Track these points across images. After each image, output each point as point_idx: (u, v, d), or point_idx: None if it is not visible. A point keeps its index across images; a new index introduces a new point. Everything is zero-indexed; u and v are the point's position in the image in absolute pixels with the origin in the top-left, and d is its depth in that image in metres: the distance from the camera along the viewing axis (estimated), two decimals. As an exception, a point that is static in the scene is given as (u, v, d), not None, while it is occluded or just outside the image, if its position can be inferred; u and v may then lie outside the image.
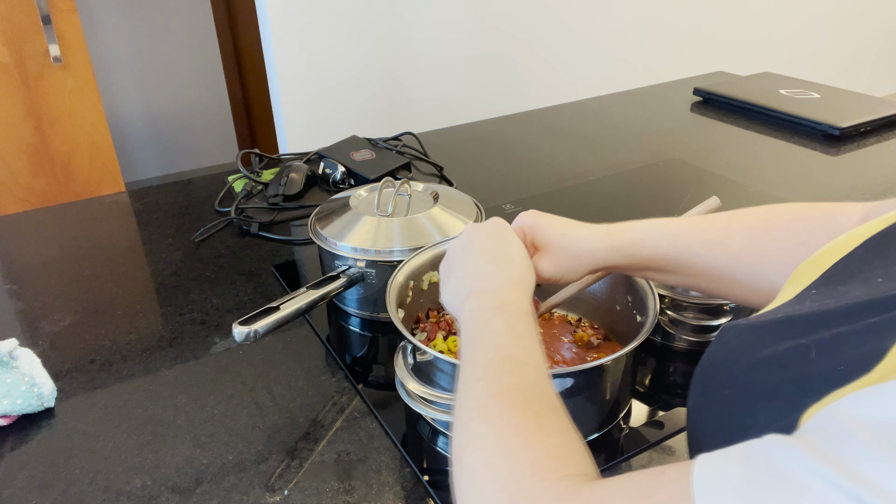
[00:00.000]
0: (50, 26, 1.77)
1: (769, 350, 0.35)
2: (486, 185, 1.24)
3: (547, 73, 2.60)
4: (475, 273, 0.56)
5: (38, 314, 0.88)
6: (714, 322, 0.77)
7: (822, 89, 1.64)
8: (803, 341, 0.33)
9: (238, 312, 0.88)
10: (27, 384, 0.69)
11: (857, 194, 1.16)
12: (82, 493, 0.61)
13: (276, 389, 0.74)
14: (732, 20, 3.02)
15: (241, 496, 0.61)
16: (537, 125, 1.57)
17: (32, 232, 1.11)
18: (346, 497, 0.60)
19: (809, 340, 0.33)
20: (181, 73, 3.12)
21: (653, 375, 0.77)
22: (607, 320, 0.78)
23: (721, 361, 0.39)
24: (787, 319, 0.37)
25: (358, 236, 0.82)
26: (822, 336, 0.33)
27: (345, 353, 0.81)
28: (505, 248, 0.58)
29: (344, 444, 0.66)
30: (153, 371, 0.77)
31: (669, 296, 0.76)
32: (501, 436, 0.38)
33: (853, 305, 0.33)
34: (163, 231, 1.09)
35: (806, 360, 0.32)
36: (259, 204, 1.15)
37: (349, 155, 1.25)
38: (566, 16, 2.55)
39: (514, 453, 0.37)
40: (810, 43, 3.40)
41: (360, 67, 2.19)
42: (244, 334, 0.67)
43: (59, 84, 1.85)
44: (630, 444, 0.66)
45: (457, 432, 0.41)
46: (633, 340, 0.61)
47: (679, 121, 1.59)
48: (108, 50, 2.93)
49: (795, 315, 0.37)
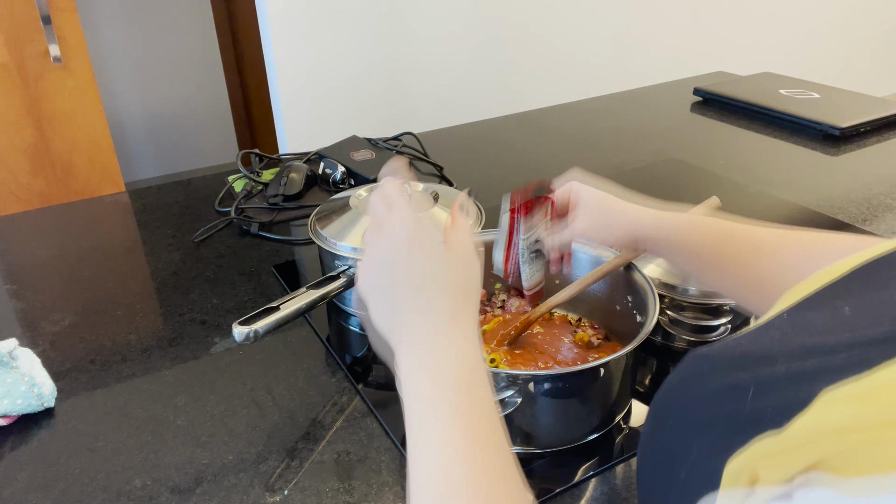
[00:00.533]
0: (50, 26, 1.77)
1: (717, 383, 0.35)
2: (486, 185, 1.24)
3: (547, 73, 2.60)
4: (402, 309, 0.46)
5: (38, 314, 0.88)
6: (714, 322, 0.77)
7: (822, 89, 1.64)
8: (746, 378, 0.33)
9: (238, 312, 0.88)
10: (27, 384, 0.69)
11: (856, 194, 1.16)
12: (82, 493, 0.61)
13: (276, 389, 0.74)
14: (732, 20, 3.02)
15: (241, 496, 0.61)
16: (537, 125, 1.57)
17: (32, 232, 1.11)
18: (346, 497, 0.60)
19: (752, 378, 0.33)
20: (181, 73, 3.12)
21: (653, 375, 0.77)
22: (607, 320, 0.78)
23: (674, 388, 0.39)
24: (742, 355, 0.36)
25: (358, 236, 0.82)
26: (764, 375, 0.32)
27: (345, 353, 0.81)
28: (429, 266, 0.47)
29: (344, 444, 0.66)
30: (153, 371, 0.77)
31: (669, 296, 0.76)
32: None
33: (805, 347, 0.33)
34: (163, 231, 1.09)
35: (743, 399, 0.32)
36: (259, 204, 1.15)
37: (349, 155, 1.25)
38: (566, 16, 2.55)
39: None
40: (810, 43, 3.40)
41: (360, 67, 2.19)
42: (244, 334, 0.67)
43: (59, 84, 1.85)
44: (630, 444, 0.66)
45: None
46: (633, 340, 0.62)
47: (679, 121, 1.59)
48: (108, 50, 2.93)
49: (749, 350, 0.36)
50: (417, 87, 2.34)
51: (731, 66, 2.17)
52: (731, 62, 2.69)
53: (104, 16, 2.88)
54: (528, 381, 0.59)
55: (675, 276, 0.77)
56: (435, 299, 0.46)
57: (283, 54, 2.03)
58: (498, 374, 0.60)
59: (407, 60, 2.28)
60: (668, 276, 0.77)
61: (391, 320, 0.47)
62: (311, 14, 2.02)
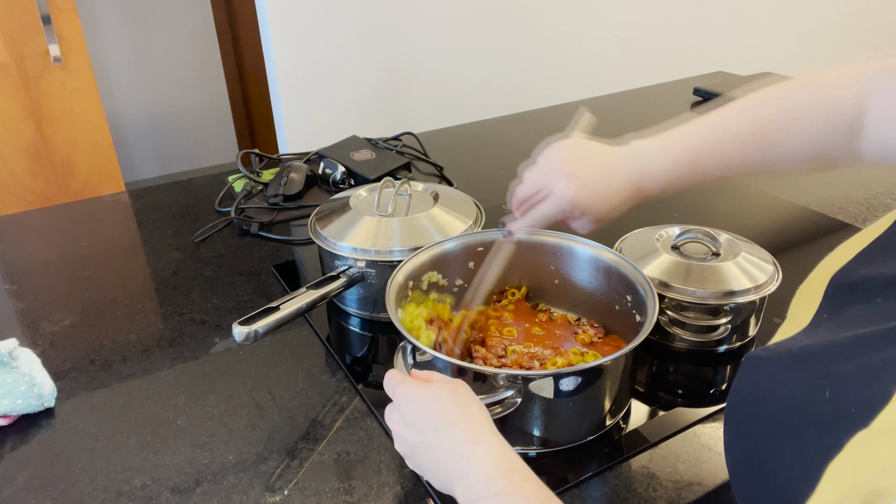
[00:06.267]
0: (50, 26, 1.77)
1: (789, 387, 0.36)
2: (486, 185, 1.24)
3: (547, 72, 2.60)
4: (438, 461, 0.51)
5: (38, 314, 0.88)
6: (714, 322, 0.77)
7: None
8: (818, 378, 0.34)
9: (238, 312, 0.88)
10: (27, 384, 0.69)
11: (856, 194, 1.16)
12: (82, 493, 0.61)
13: (276, 389, 0.74)
14: (732, 20, 3.02)
15: (241, 496, 0.61)
16: (537, 125, 1.57)
17: (32, 232, 1.11)
18: (346, 497, 0.60)
19: (824, 377, 0.34)
20: (181, 73, 3.12)
21: (652, 375, 0.77)
22: (607, 320, 0.78)
23: (747, 396, 0.40)
24: (802, 353, 0.37)
25: (358, 236, 0.82)
26: (833, 374, 0.33)
27: (345, 353, 0.81)
28: (450, 406, 0.52)
29: (344, 444, 0.66)
30: (153, 371, 0.77)
31: (669, 296, 0.76)
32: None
33: (858, 338, 0.34)
34: (163, 231, 1.09)
35: (821, 401, 0.33)
36: (259, 204, 1.15)
37: (349, 155, 1.25)
38: (567, 16, 2.55)
39: None
40: (810, 43, 3.40)
41: (360, 67, 2.19)
42: (244, 334, 0.67)
43: (58, 84, 1.85)
44: (629, 444, 0.66)
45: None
46: (633, 340, 0.62)
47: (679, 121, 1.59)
48: (108, 50, 2.93)
49: (808, 349, 0.37)
50: (417, 87, 2.34)
51: (731, 66, 2.16)
52: (731, 62, 2.69)
53: (104, 16, 2.87)
54: (528, 381, 0.59)
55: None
56: (453, 437, 0.50)
57: (283, 54, 2.03)
58: (498, 375, 0.60)
59: (407, 60, 2.28)
60: (668, 275, 0.77)
61: (437, 476, 0.51)
62: (311, 14, 2.02)
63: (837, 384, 0.33)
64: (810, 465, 0.31)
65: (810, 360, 0.36)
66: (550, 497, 0.45)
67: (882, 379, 0.30)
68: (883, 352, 0.32)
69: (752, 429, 0.38)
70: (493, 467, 0.47)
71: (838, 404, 0.32)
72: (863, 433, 0.29)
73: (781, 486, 0.33)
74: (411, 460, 0.53)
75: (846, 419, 0.30)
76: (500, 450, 0.48)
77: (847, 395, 0.32)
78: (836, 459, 0.30)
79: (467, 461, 0.48)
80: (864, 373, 0.32)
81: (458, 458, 0.48)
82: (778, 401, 0.36)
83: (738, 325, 0.77)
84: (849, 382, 0.32)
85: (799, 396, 0.35)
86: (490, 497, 0.45)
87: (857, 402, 0.31)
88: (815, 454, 0.31)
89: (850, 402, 0.31)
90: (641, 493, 0.61)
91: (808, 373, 0.35)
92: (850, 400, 0.31)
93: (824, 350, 0.35)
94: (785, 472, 0.32)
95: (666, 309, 0.78)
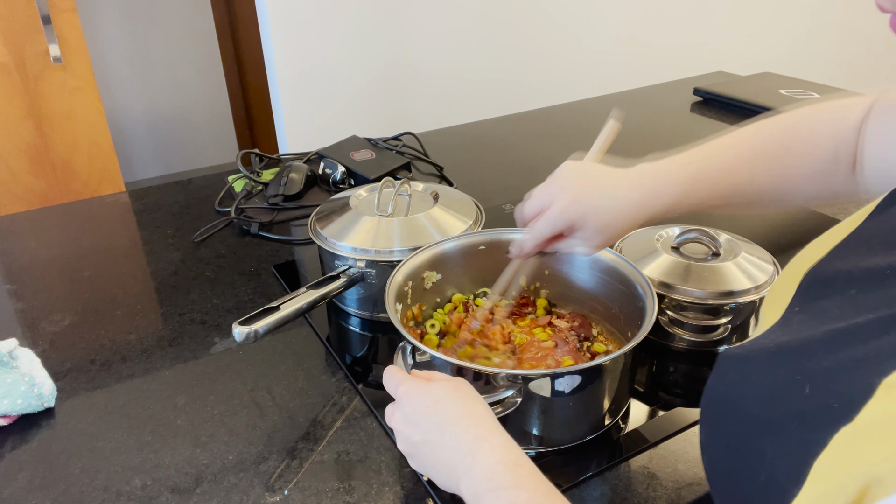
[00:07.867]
0: (50, 26, 1.77)
1: (766, 383, 0.35)
2: (486, 185, 1.24)
3: (547, 72, 2.60)
4: (442, 459, 0.51)
5: (38, 314, 0.88)
6: (714, 322, 0.77)
7: (822, 89, 1.64)
8: (796, 373, 0.34)
9: (238, 312, 0.88)
10: (27, 384, 0.69)
11: (856, 194, 1.16)
12: (82, 493, 0.61)
13: (276, 389, 0.74)
14: (733, 20, 3.02)
15: (241, 496, 0.61)
16: (537, 125, 1.57)
17: (32, 232, 1.11)
18: (346, 497, 0.60)
19: (802, 372, 0.33)
20: (181, 73, 3.12)
21: (652, 375, 0.77)
22: (607, 320, 0.78)
23: (722, 395, 0.39)
24: (779, 350, 0.37)
25: (358, 236, 0.82)
26: (812, 369, 0.33)
27: (345, 353, 0.81)
28: (452, 403, 0.52)
29: (344, 444, 0.66)
30: (153, 371, 0.77)
31: (669, 296, 0.76)
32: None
33: (836, 332, 0.33)
34: (163, 231, 1.09)
35: (801, 396, 0.32)
36: (259, 204, 1.15)
37: (349, 155, 1.25)
38: (566, 16, 2.55)
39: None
40: (810, 43, 3.40)
41: (360, 67, 2.19)
42: (244, 334, 0.67)
43: (58, 84, 1.85)
44: (629, 444, 0.66)
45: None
46: (632, 340, 0.62)
47: (679, 121, 1.59)
48: (108, 50, 2.93)
49: (785, 345, 0.37)
50: (417, 87, 2.34)
51: (731, 66, 2.17)
52: (731, 62, 2.69)
53: (104, 16, 2.88)
54: (528, 381, 0.59)
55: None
56: (457, 434, 0.50)
57: (283, 54, 2.03)
58: (498, 375, 0.60)
59: (407, 60, 2.28)
60: (667, 276, 0.77)
61: (441, 475, 0.51)
62: (310, 14, 2.02)
63: (817, 379, 0.32)
64: (794, 462, 0.31)
65: (788, 355, 0.36)
66: (554, 492, 0.45)
67: (863, 373, 0.30)
68: (863, 345, 0.31)
69: (729, 428, 0.38)
70: (499, 462, 0.47)
71: (819, 399, 0.31)
72: (847, 428, 0.29)
73: (763, 484, 0.33)
74: (414, 459, 0.53)
75: (828, 414, 0.30)
76: (505, 445, 0.48)
77: (828, 389, 0.31)
78: (822, 456, 0.30)
79: (472, 457, 0.48)
80: (844, 367, 0.32)
81: (463, 455, 0.48)
82: (756, 398, 0.36)
83: (738, 325, 0.78)
84: (828, 377, 0.32)
85: (777, 393, 0.34)
86: (494, 491, 0.45)
87: (838, 396, 0.30)
88: (798, 451, 0.31)
89: (831, 396, 0.31)
90: (641, 493, 0.61)
91: (786, 369, 0.34)
92: (831, 395, 0.31)
93: (802, 345, 0.35)
94: (767, 470, 0.31)
95: (666, 309, 0.78)
